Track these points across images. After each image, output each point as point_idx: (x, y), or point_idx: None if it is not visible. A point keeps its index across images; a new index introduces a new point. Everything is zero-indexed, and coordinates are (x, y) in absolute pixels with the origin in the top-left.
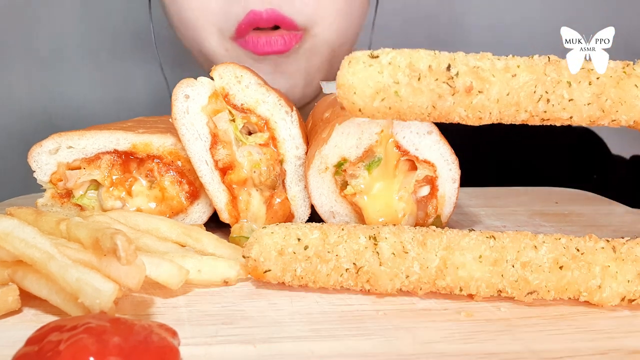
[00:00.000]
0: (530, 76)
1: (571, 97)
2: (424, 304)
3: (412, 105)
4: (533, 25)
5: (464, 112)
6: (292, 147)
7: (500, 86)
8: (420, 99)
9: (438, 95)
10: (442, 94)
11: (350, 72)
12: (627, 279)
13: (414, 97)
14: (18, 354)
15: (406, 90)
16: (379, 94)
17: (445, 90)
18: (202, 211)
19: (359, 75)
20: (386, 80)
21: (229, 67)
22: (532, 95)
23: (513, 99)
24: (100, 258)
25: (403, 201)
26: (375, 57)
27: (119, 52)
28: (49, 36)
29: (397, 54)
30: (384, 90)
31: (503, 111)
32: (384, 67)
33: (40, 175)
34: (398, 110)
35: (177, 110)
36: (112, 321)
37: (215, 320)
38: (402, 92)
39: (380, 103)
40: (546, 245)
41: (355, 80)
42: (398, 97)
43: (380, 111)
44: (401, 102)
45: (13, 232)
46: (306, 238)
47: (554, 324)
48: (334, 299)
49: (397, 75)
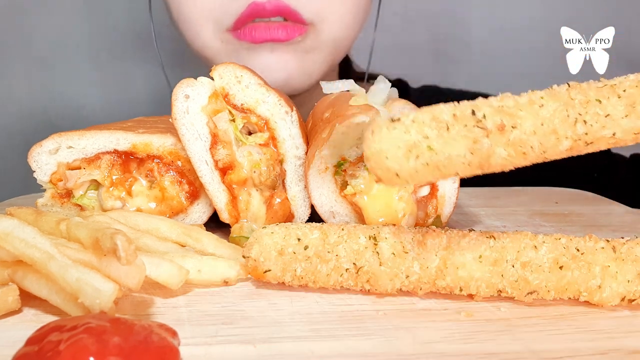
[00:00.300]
0: (557, 103)
1: (606, 112)
2: (424, 304)
3: (449, 157)
4: (533, 24)
5: (504, 152)
6: (292, 147)
7: (532, 119)
8: (455, 148)
9: (473, 141)
10: (477, 138)
11: (376, 140)
12: (627, 279)
13: (448, 147)
14: (18, 354)
15: (438, 142)
16: (412, 151)
17: (478, 133)
18: (202, 211)
19: (386, 140)
20: (415, 137)
21: (229, 67)
22: (566, 119)
23: (549, 127)
24: (100, 258)
25: (403, 201)
26: (397, 120)
27: (119, 52)
28: (49, 36)
29: (417, 112)
30: (416, 147)
31: (544, 142)
32: (409, 127)
33: (40, 175)
34: (436, 164)
35: (177, 110)
36: (112, 321)
37: (215, 320)
38: (435, 145)
39: (415, 161)
40: (546, 245)
41: (383, 146)
42: (432, 151)
43: (419, 170)
44: (437, 156)
45: (13, 232)
46: (306, 238)
47: (554, 324)
48: (334, 299)
49: (424, 131)
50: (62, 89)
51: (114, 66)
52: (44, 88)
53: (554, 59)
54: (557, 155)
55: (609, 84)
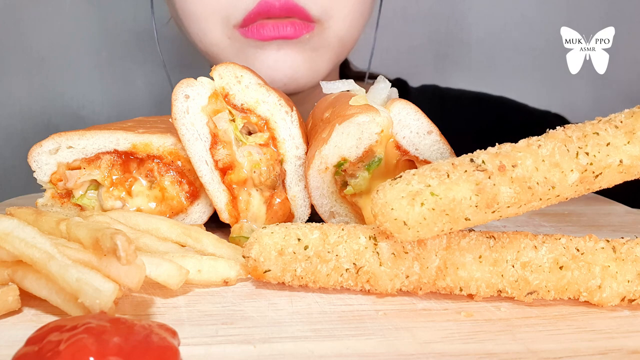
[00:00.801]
0: (555, 141)
1: (606, 142)
2: (424, 304)
3: (453, 199)
4: (533, 24)
5: (510, 189)
6: (292, 147)
7: (532, 158)
8: (459, 191)
9: (475, 183)
10: (479, 180)
11: (380, 197)
12: (627, 279)
13: (452, 191)
14: (18, 354)
15: (440, 188)
16: (415, 199)
17: (480, 176)
18: (202, 211)
19: (390, 194)
20: (417, 187)
21: (229, 67)
22: (567, 153)
23: (551, 162)
24: (100, 258)
25: None
26: (399, 177)
27: (119, 52)
28: (49, 36)
29: (417, 169)
30: (419, 195)
31: (549, 177)
32: (410, 179)
33: (40, 175)
34: (443, 209)
35: (177, 110)
36: (112, 321)
37: (215, 320)
38: (438, 191)
39: (421, 208)
40: (546, 245)
41: (388, 199)
42: (436, 196)
43: (426, 217)
44: (442, 200)
45: (13, 232)
46: (306, 238)
47: (554, 324)
48: (334, 299)
49: (426, 180)
50: (62, 89)
51: (114, 66)
52: (44, 88)
53: (554, 59)
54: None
55: (603, 119)
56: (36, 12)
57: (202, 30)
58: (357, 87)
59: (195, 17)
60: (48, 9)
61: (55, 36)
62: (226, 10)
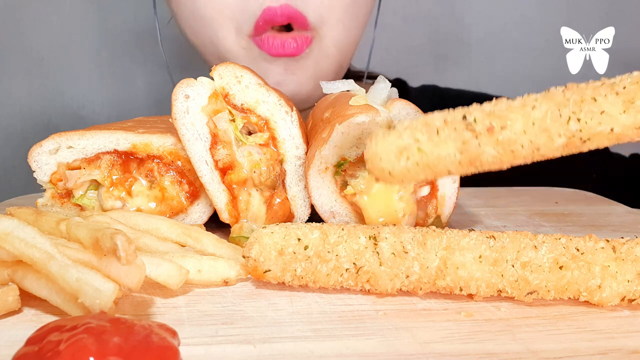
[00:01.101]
0: (550, 104)
1: (601, 109)
2: (424, 304)
3: (438, 156)
4: (533, 24)
5: (493, 151)
6: (292, 147)
7: (522, 120)
8: (444, 149)
9: (462, 142)
10: (466, 140)
11: (373, 145)
12: (627, 279)
13: (438, 148)
14: (18, 354)
15: (428, 144)
16: (403, 153)
17: (467, 136)
18: (202, 211)
19: (381, 145)
20: (407, 141)
21: (229, 67)
22: (558, 118)
23: (540, 126)
24: (100, 258)
25: (403, 201)
26: (392, 127)
27: (119, 52)
28: (49, 36)
29: (412, 120)
30: (406, 149)
31: (535, 140)
32: (401, 132)
33: (40, 175)
34: (427, 164)
35: (177, 110)
36: (112, 321)
37: (215, 320)
38: (425, 147)
39: (406, 162)
40: (546, 245)
41: (379, 149)
42: (422, 152)
43: (410, 169)
44: (427, 156)
45: (13, 232)
46: (306, 238)
47: (554, 324)
48: (334, 299)
49: (416, 135)
50: (62, 89)
51: (114, 66)
52: (44, 88)
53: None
54: (554, 152)
55: (607, 83)
56: (36, 12)
57: (215, 36)
58: (357, 87)
59: (208, 22)
60: (48, 9)
61: (55, 36)
62: (237, 16)
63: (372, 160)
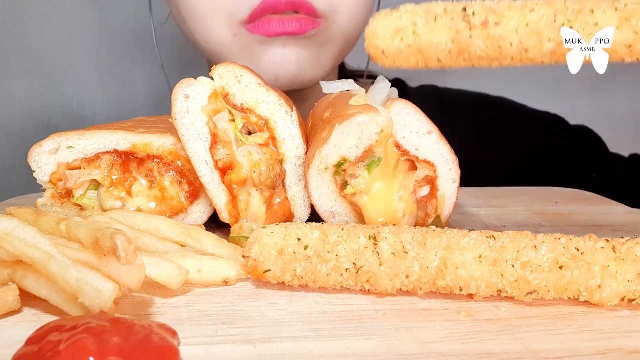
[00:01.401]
0: (549, 9)
1: (596, 21)
2: (424, 304)
3: (430, 42)
4: None
5: (483, 45)
6: (292, 147)
7: (518, 19)
8: (438, 36)
9: (455, 31)
10: (460, 30)
11: (374, 23)
12: (627, 279)
13: (432, 34)
14: (18, 354)
15: (424, 29)
16: (398, 34)
17: (462, 26)
18: (202, 211)
19: (381, 23)
20: (405, 23)
21: (229, 67)
22: (552, 24)
23: (533, 29)
24: (100, 258)
25: (403, 201)
26: (396, 9)
27: (119, 52)
28: (49, 36)
29: (415, 5)
30: (402, 31)
31: (524, 41)
32: (402, 14)
33: (40, 175)
34: (418, 48)
35: (177, 110)
36: (112, 321)
37: (215, 320)
38: (420, 32)
39: (400, 43)
40: (546, 245)
41: (378, 28)
42: (416, 36)
43: (402, 51)
44: (420, 40)
45: (13, 232)
46: (306, 238)
47: (554, 324)
48: (334, 299)
49: (415, 19)
50: (61, 89)
51: (114, 66)
52: (44, 88)
53: None
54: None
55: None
56: (36, 12)
57: (206, 28)
58: (357, 87)
59: (200, 15)
60: (48, 9)
61: (55, 36)
62: (231, 7)
63: (370, 37)
